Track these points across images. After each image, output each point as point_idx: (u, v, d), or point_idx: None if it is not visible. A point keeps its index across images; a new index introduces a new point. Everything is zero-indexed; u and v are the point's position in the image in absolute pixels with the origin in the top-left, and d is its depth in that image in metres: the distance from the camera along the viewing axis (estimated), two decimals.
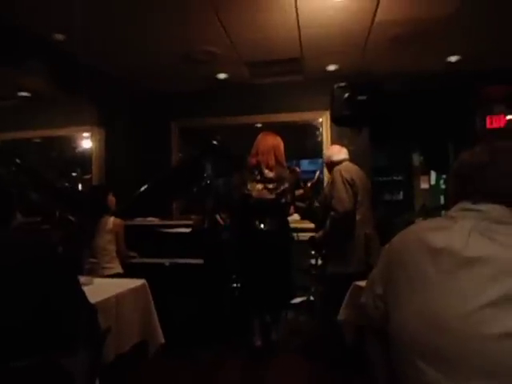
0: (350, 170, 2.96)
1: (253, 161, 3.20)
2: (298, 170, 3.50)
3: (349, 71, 4.37)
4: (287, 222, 3.29)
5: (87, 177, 4.90)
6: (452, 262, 0.84)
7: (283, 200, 3.15)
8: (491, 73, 4.21)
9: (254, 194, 3.11)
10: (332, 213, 2.83)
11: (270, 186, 3.13)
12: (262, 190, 3.12)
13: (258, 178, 3.14)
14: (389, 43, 3.71)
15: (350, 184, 2.86)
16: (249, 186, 3.12)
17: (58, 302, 1.31)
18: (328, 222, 2.87)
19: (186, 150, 5.27)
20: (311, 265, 3.75)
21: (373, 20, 3.28)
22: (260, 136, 3.31)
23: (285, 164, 3.27)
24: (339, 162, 3.04)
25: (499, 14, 3.21)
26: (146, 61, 4.05)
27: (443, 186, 5.89)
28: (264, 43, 3.68)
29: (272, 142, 3.24)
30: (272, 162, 3.17)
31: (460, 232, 0.87)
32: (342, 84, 4.36)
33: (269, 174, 3.15)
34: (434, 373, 0.81)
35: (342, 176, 2.87)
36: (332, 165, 3.07)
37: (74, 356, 1.34)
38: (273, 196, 3.12)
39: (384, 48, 3.81)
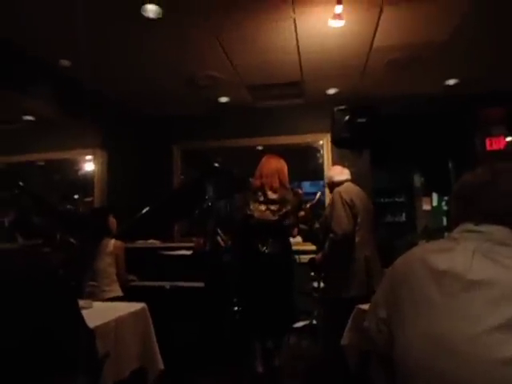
0: (350, 191, 2.94)
1: (257, 183, 3.21)
2: (300, 191, 3.51)
3: (348, 94, 4.44)
4: (289, 245, 3.26)
5: (89, 199, 4.92)
6: (456, 285, 0.83)
7: (286, 222, 3.14)
8: (489, 95, 4.26)
9: (256, 214, 3.09)
10: (331, 235, 2.80)
11: (273, 207, 3.12)
12: (264, 211, 3.11)
13: (261, 199, 3.14)
14: (387, 67, 3.78)
15: (350, 205, 2.84)
16: (251, 207, 3.11)
17: (57, 327, 1.29)
18: (327, 243, 2.85)
19: (187, 172, 5.30)
20: (313, 288, 3.71)
21: (371, 45, 3.36)
22: (264, 159, 3.33)
23: (288, 186, 3.27)
24: (341, 183, 3.03)
25: (495, 38, 3.28)
26: (148, 85, 4.14)
27: (445, 208, 5.88)
28: (265, 67, 3.76)
29: (276, 165, 3.25)
30: (276, 184, 3.17)
31: (463, 254, 0.87)
32: (342, 107, 4.43)
33: (272, 195, 3.15)
34: None
35: (341, 197, 2.85)
36: (333, 185, 3.06)
37: (71, 382, 1.31)
38: (275, 217, 3.10)
39: (382, 72, 3.88)
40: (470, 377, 0.76)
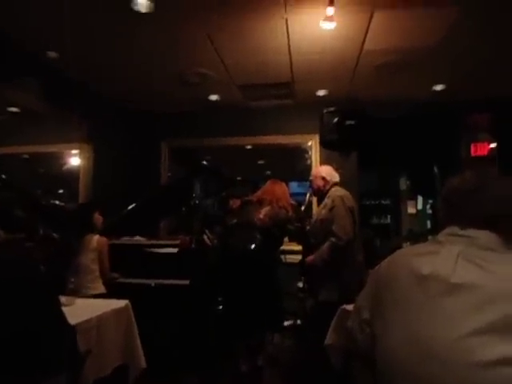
0: (349, 197, 2.94)
1: (254, 198, 3.24)
2: (294, 203, 3.51)
3: (338, 97, 4.47)
4: (272, 243, 3.26)
5: (73, 195, 4.84)
6: (439, 288, 0.84)
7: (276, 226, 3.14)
8: (475, 101, 4.34)
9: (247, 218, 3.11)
10: (333, 239, 2.79)
11: (262, 210, 3.14)
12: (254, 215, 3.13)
13: (256, 208, 3.17)
14: (376, 71, 3.82)
15: (352, 211, 2.86)
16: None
17: (37, 323, 1.27)
18: (326, 247, 2.82)
19: (175, 169, 5.27)
20: (299, 288, 3.72)
21: (361, 48, 3.39)
22: (269, 183, 3.35)
23: (287, 206, 3.27)
24: (336, 184, 3.04)
25: (483, 45, 3.34)
26: (137, 81, 4.10)
27: (429, 211, 5.97)
28: (256, 67, 3.76)
29: (280, 189, 3.28)
30: (278, 203, 3.19)
31: (447, 257, 0.88)
32: (331, 109, 4.45)
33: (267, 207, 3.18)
34: None
35: (344, 203, 2.84)
36: (330, 185, 3.03)
37: (52, 378, 1.29)
38: (261, 218, 3.11)
39: (372, 75, 3.92)
40: (448, 380, 0.77)
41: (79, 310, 2.02)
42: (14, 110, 4.47)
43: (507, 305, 0.77)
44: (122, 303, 2.28)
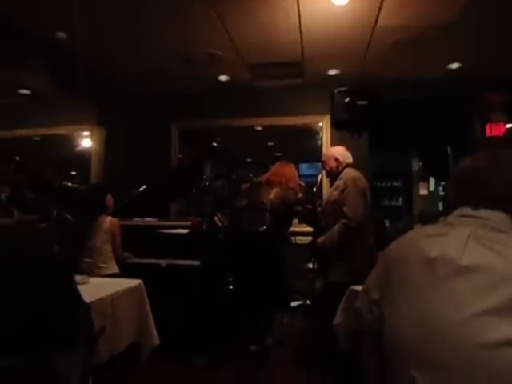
0: (361, 178, 2.90)
1: (263, 179, 3.24)
2: (303, 185, 3.50)
3: (349, 76, 4.38)
4: (282, 224, 3.27)
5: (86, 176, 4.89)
6: (448, 270, 0.84)
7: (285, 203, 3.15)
8: (491, 81, 4.22)
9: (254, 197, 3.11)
10: (344, 220, 2.77)
11: (274, 190, 3.15)
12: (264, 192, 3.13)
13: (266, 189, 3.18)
14: (390, 49, 3.72)
15: (365, 194, 2.83)
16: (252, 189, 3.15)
17: (53, 301, 1.31)
18: (337, 228, 2.80)
19: (185, 151, 5.27)
20: (308, 269, 3.74)
21: (374, 25, 3.29)
22: (277, 164, 3.37)
23: (297, 190, 3.28)
24: (349, 165, 3.01)
25: (499, 23, 3.23)
26: (147, 62, 4.06)
27: (442, 193, 5.90)
28: (266, 46, 3.69)
29: (289, 171, 3.29)
30: (284, 185, 3.20)
31: (457, 239, 0.87)
32: (343, 88, 4.36)
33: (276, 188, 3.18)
34: (425, 380, 0.80)
35: (357, 185, 2.81)
36: (344, 166, 2.99)
37: (67, 355, 1.33)
38: (271, 198, 3.11)
39: (385, 53, 3.82)
40: (455, 361, 0.78)
41: (93, 289, 2.06)
42: (25, 92, 4.49)
43: None
44: (135, 282, 2.32)
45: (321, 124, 4.84)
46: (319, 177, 3.58)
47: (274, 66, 4.21)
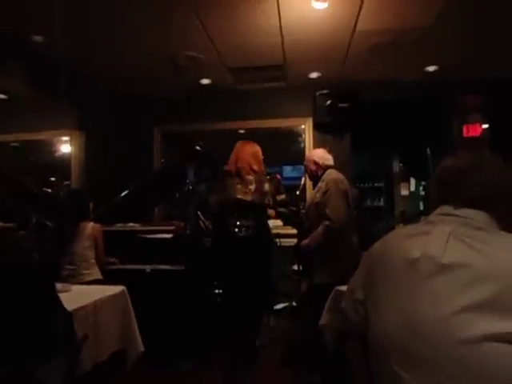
0: (343, 180, 2.94)
1: (231, 168, 3.18)
2: (278, 176, 3.51)
3: (331, 79, 4.43)
4: (267, 225, 3.27)
5: (67, 182, 4.80)
6: (429, 268, 0.85)
7: (263, 201, 3.14)
8: (468, 82, 4.33)
9: (233, 195, 3.09)
10: (326, 222, 2.79)
11: (251, 186, 3.12)
12: (241, 191, 3.10)
13: (238, 181, 3.13)
14: (369, 52, 3.78)
15: (346, 195, 2.86)
16: (228, 189, 3.10)
17: (33, 309, 1.27)
18: (320, 230, 2.83)
19: (168, 155, 5.23)
20: (293, 271, 3.75)
21: (354, 29, 3.35)
22: (239, 144, 3.30)
23: (264, 171, 3.27)
24: (330, 167, 3.04)
25: (476, 26, 3.32)
26: (128, 65, 4.02)
27: (422, 193, 6.02)
28: (247, 49, 3.70)
29: (251, 150, 3.24)
30: (253, 167, 3.17)
31: (438, 237, 0.88)
32: (324, 91, 4.43)
33: (249, 177, 3.14)
34: (408, 377, 0.82)
35: (338, 187, 2.85)
36: (322, 169, 3.03)
37: (49, 364, 1.30)
38: (253, 197, 3.11)
39: (365, 56, 3.89)
40: (435, 358, 0.79)
41: (75, 297, 2.02)
42: (1, 96, 4.38)
43: (495, 284, 0.77)
44: (118, 289, 2.29)
45: (303, 126, 4.88)
46: (303, 179, 3.60)
47: (256, 70, 4.23)
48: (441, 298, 0.82)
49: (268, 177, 3.27)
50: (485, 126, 4.61)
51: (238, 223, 3.04)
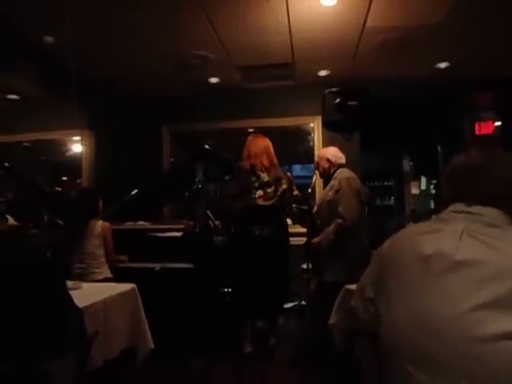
0: (355, 179, 2.93)
1: (246, 164, 3.20)
2: (289, 174, 3.51)
3: (340, 77, 4.40)
4: (286, 226, 3.29)
5: (79, 181, 4.85)
6: (442, 266, 0.84)
7: (284, 202, 3.15)
8: (480, 79, 4.27)
9: (254, 201, 3.12)
10: (339, 220, 2.79)
11: (269, 190, 3.14)
12: (261, 196, 3.13)
13: (256, 184, 3.15)
14: (379, 49, 3.75)
15: (359, 194, 2.86)
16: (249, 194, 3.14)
17: (45, 306, 1.29)
18: (332, 228, 2.82)
19: (177, 154, 5.25)
20: (303, 269, 3.74)
21: (363, 26, 3.32)
22: (250, 138, 3.33)
23: (278, 164, 3.28)
24: (342, 166, 3.03)
25: (487, 22, 3.27)
26: (137, 65, 4.05)
27: (433, 192, 5.95)
28: (256, 48, 3.70)
29: (263, 144, 3.26)
30: (266, 162, 3.18)
31: (451, 235, 0.87)
32: (333, 89, 4.40)
33: (265, 177, 3.16)
34: (421, 376, 0.81)
35: (351, 185, 2.84)
36: (337, 167, 3.02)
37: (59, 360, 1.31)
38: (273, 200, 3.13)
39: (374, 54, 3.85)
40: (449, 355, 0.78)
41: (86, 294, 2.04)
42: (13, 97, 4.44)
43: (510, 280, 0.76)
44: (128, 287, 2.30)
45: (312, 125, 4.86)
46: (314, 178, 3.60)
47: (265, 68, 4.22)
48: (455, 296, 0.81)
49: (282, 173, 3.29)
50: (497, 123, 4.54)
51: (259, 228, 3.06)
